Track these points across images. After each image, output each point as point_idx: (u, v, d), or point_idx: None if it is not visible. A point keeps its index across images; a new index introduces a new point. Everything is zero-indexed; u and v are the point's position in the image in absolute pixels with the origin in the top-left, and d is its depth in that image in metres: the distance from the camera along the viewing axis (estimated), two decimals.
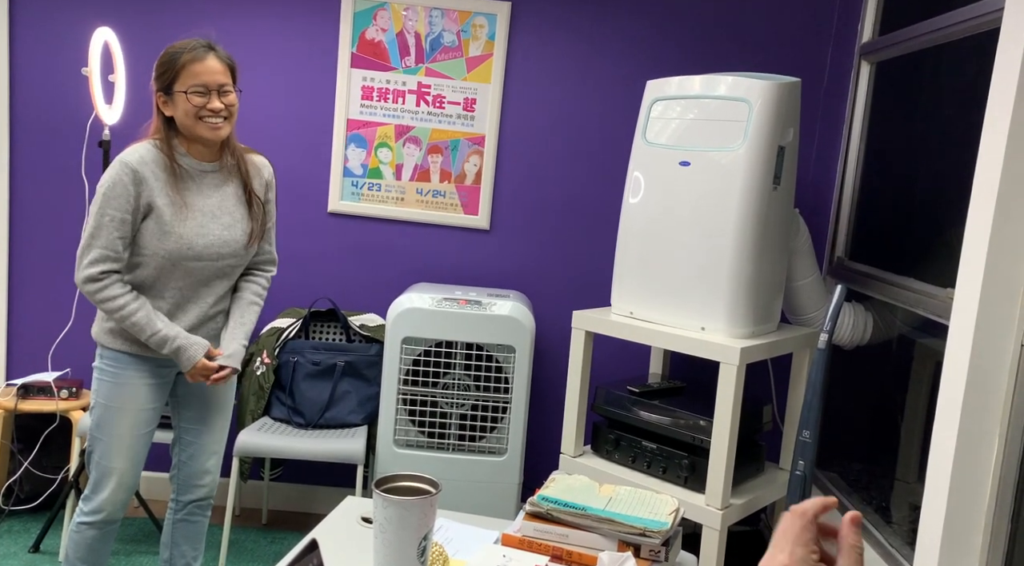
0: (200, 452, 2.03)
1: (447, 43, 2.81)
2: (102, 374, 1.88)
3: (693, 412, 2.19)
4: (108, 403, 1.87)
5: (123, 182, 1.75)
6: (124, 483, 1.90)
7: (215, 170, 1.89)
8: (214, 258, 1.87)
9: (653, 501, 1.37)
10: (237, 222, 1.91)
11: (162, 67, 1.81)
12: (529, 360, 2.52)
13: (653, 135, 2.27)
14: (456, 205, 2.89)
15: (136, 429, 1.89)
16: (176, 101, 1.80)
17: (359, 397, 2.71)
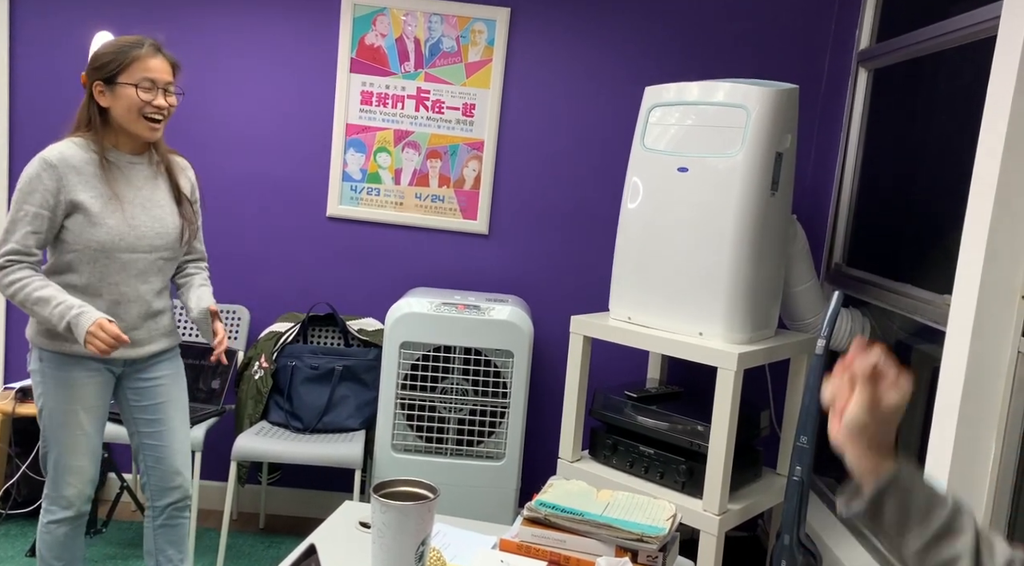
0: (166, 454, 1.98)
1: (446, 48, 2.82)
2: (44, 377, 1.84)
3: (691, 417, 2.19)
4: (57, 405, 1.84)
5: (41, 177, 1.75)
6: (86, 477, 1.90)
7: (143, 163, 1.90)
8: (147, 250, 1.87)
9: (650, 506, 1.37)
10: (168, 215, 1.91)
11: (107, 57, 1.79)
12: (527, 365, 2.52)
13: (651, 141, 2.28)
14: (455, 210, 2.90)
15: (90, 426, 1.88)
16: (119, 93, 1.79)
17: (357, 401, 2.71)
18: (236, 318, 2.90)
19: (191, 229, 1.97)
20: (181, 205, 1.94)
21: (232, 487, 2.50)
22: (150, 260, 1.88)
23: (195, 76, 2.85)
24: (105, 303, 1.84)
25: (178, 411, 2.02)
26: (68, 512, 1.89)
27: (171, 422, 1.99)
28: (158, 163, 1.93)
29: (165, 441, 1.98)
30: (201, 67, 2.85)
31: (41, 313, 1.74)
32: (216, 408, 2.68)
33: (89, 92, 1.82)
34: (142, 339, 1.92)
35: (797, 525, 2.05)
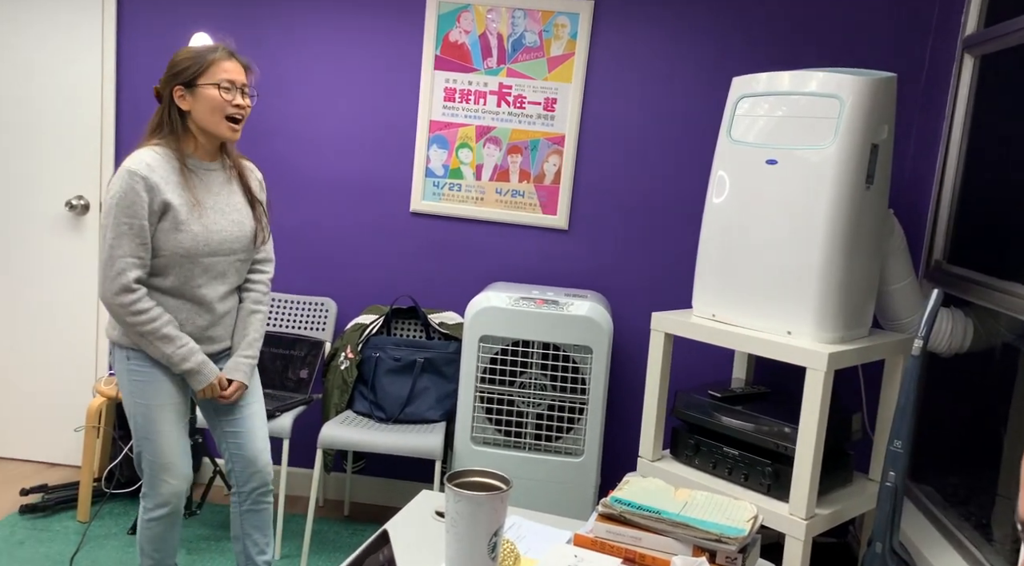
0: (247, 440, 2.04)
1: (529, 43, 2.82)
2: (132, 376, 1.89)
3: (778, 419, 2.12)
4: (147, 402, 1.89)
5: (135, 190, 1.78)
6: (180, 474, 1.95)
7: (218, 169, 1.96)
8: (227, 253, 1.92)
9: (730, 507, 1.33)
10: (245, 218, 1.97)
11: (186, 62, 1.85)
12: (606, 361, 2.50)
13: (739, 133, 2.21)
14: (535, 205, 2.89)
15: (179, 422, 1.94)
16: (201, 94, 1.84)
17: (438, 393, 2.74)
18: (324, 310, 2.98)
19: (263, 230, 2.03)
20: (254, 208, 2.01)
21: (318, 474, 2.57)
22: (229, 262, 1.94)
23: (285, 75, 2.94)
24: (186, 303, 1.90)
25: (254, 398, 2.07)
26: (164, 510, 1.95)
27: (248, 409, 2.05)
28: (230, 168, 1.99)
29: (244, 428, 2.04)
30: (291, 66, 2.94)
31: (163, 349, 1.85)
32: (304, 397, 2.76)
33: (168, 98, 1.87)
34: (219, 336, 1.99)
35: (890, 533, 1.95)
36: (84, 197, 3.04)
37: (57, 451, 3.18)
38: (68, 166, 3.03)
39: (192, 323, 1.92)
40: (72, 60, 2.97)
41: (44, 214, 3.06)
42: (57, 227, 3.06)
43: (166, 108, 1.87)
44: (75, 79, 2.98)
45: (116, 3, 2.92)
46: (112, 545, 2.61)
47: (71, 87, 2.99)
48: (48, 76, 2.99)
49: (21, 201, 3.05)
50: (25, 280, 3.09)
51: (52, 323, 3.11)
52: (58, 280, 3.09)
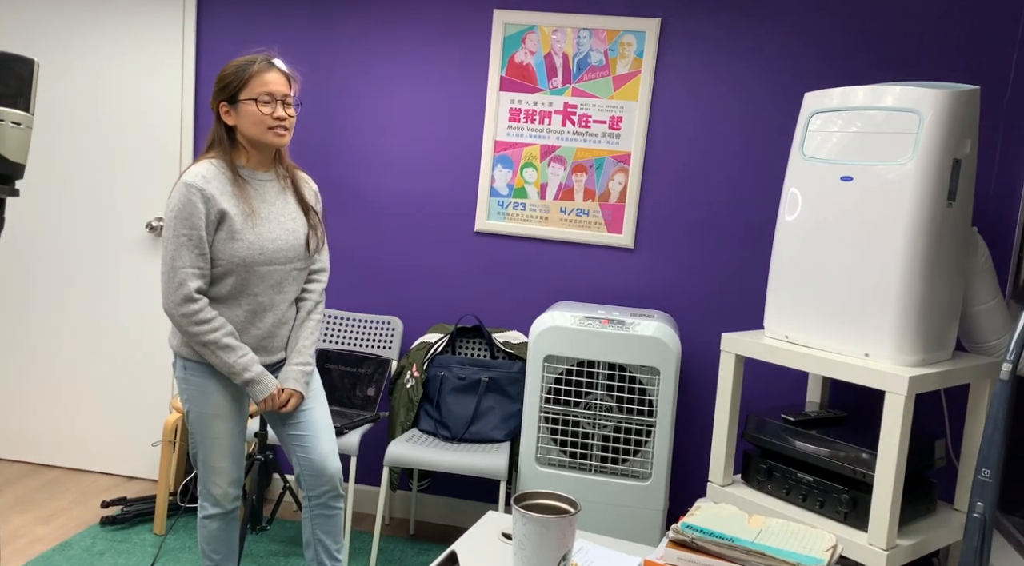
0: (313, 442, 2.06)
1: (594, 62, 2.83)
2: (188, 385, 1.96)
3: (855, 444, 2.06)
4: (200, 409, 1.97)
5: (191, 202, 1.84)
6: (230, 478, 2.02)
7: (272, 179, 2.00)
8: (283, 261, 1.96)
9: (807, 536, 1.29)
10: (299, 227, 2.01)
11: (227, 78, 1.90)
12: (675, 383, 2.46)
13: (812, 149, 2.17)
14: (600, 224, 2.89)
15: (229, 430, 2.00)
16: (242, 110, 1.90)
17: (502, 413, 2.75)
18: (390, 328, 3.03)
19: (317, 239, 2.07)
20: (308, 217, 2.04)
21: (384, 492, 2.60)
22: (285, 271, 1.99)
23: (355, 96, 3.02)
24: (244, 312, 1.95)
25: (316, 403, 2.11)
26: (217, 509, 2.03)
27: (311, 413, 2.08)
28: (284, 178, 2.04)
29: (310, 431, 2.07)
30: (361, 88, 3.02)
31: (225, 358, 1.90)
32: (371, 415, 2.80)
33: (216, 114, 1.94)
34: (275, 346, 2.04)
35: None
36: (163, 219, 3.17)
37: (136, 465, 3.31)
38: (148, 189, 3.17)
39: (249, 333, 1.97)
40: (151, 80, 3.11)
41: (125, 236, 3.20)
42: (138, 248, 3.20)
43: (216, 123, 1.95)
44: (154, 100, 3.12)
45: (195, 28, 3.06)
46: (187, 558, 2.69)
47: (150, 111, 3.13)
48: (128, 98, 3.14)
49: (104, 223, 3.20)
50: (106, 299, 3.24)
51: (131, 341, 3.24)
52: (138, 299, 3.22)
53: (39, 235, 3.24)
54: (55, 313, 3.26)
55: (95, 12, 3.10)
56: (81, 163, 3.19)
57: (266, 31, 3.04)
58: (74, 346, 3.27)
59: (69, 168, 3.19)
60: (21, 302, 3.28)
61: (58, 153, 3.19)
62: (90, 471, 3.35)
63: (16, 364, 3.31)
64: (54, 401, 3.31)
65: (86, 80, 3.15)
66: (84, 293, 3.24)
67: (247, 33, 3.05)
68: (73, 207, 3.21)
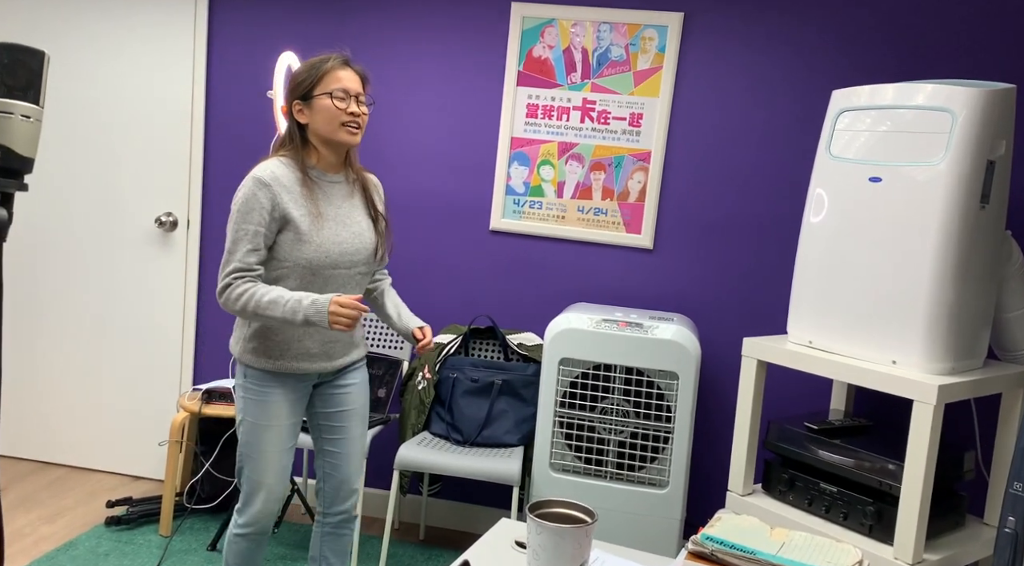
0: (343, 462, 2.08)
1: (615, 57, 2.82)
2: (246, 393, 1.96)
3: (881, 454, 2.05)
4: (255, 421, 1.95)
5: (256, 196, 1.85)
6: (273, 496, 1.99)
7: (341, 181, 2.00)
8: (348, 265, 1.96)
9: (832, 550, 1.28)
10: (365, 231, 2.01)
11: (301, 76, 1.92)
12: (694, 388, 2.45)
13: (839, 149, 2.16)
14: (618, 223, 2.88)
15: (281, 444, 1.98)
16: (316, 106, 1.90)
17: (516, 417, 2.74)
18: None
19: (385, 245, 2.07)
20: (376, 221, 2.05)
21: (394, 496, 2.60)
22: (350, 275, 1.98)
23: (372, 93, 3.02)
24: (296, 327, 1.95)
25: (359, 422, 2.11)
26: (252, 528, 2.00)
27: (351, 432, 2.09)
28: (354, 181, 2.04)
29: (344, 449, 2.08)
30: (374, 83, 3.02)
31: (275, 315, 1.84)
32: (382, 416, 2.80)
33: (289, 113, 1.95)
34: (339, 351, 2.03)
35: None
36: (173, 214, 3.19)
37: (142, 464, 3.33)
38: (158, 183, 3.18)
39: (311, 337, 1.97)
40: (162, 77, 3.14)
41: (134, 230, 3.22)
42: (146, 243, 3.22)
43: (292, 124, 1.96)
44: (165, 96, 3.14)
45: (207, 22, 3.08)
46: (192, 560, 2.71)
47: (161, 104, 3.15)
48: (138, 93, 3.16)
49: (111, 217, 3.23)
50: (114, 295, 3.26)
51: (139, 338, 3.27)
52: (146, 296, 3.24)
53: (47, 230, 3.27)
54: (62, 309, 3.29)
55: (106, 5, 3.12)
56: (89, 158, 3.21)
57: (279, 27, 3.05)
58: (81, 343, 3.30)
59: (77, 163, 3.22)
60: (28, 298, 3.31)
61: (66, 147, 3.22)
62: (96, 470, 3.37)
63: (22, 360, 3.34)
64: (60, 398, 3.34)
65: (96, 74, 3.17)
66: (92, 289, 3.27)
67: (259, 29, 3.06)
68: (81, 202, 3.23)
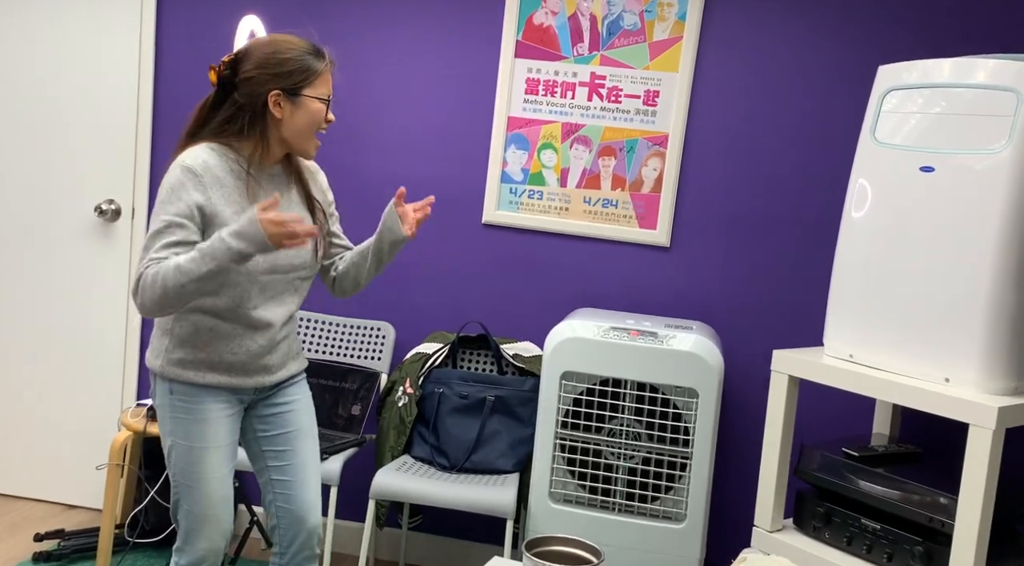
0: (296, 491, 2.04)
1: (627, 26, 2.80)
2: (175, 412, 1.91)
3: (930, 486, 2.05)
4: (190, 443, 1.90)
5: (185, 186, 1.81)
6: (220, 530, 1.95)
7: (280, 173, 1.98)
8: (286, 270, 1.94)
9: None
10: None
11: (292, 64, 1.86)
12: (715, 407, 2.45)
13: (885, 134, 2.16)
14: (630, 217, 2.87)
15: (224, 468, 1.94)
16: (303, 106, 1.88)
17: (510, 439, 2.73)
18: (380, 336, 3.00)
19: (325, 240, 2.05)
20: (314, 214, 2.02)
21: (369, 530, 2.58)
22: (288, 281, 1.96)
23: (342, 63, 3.00)
24: (240, 327, 1.92)
25: (309, 442, 2.08)
26: None
27: (302, 454, 2.05)
28: (290, 172, 2.02)
29: (295, 476, 2.04)
30: (347, 54, 2.99)
31: (201, 270, 1.70)
32: (355, 438, 2.78)
33: (261, 100, 1.86)
34: (275, 364, 2.00)
35: None
36: (115, 201, 3.15)
37: (76, 491, 3.29)
38: (97, 165, 3.15)
39: (246, 349, 1.94)
40: (103, 44, 3.10)
41: (69, 220, 3.18)
42: (84, 235, 3.18)
43: (255, 109, 1.88)
44: (106, 67, 3.10)
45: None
46: None
47: (102, 79, 3.11)
48: (75, 63, 3.12)
49: (44, 205, 3.18)
50: (45, 294, 3.22)
51: (75, 344, 3.22)
52: (82, 296, 3.20)
53: None
54: None
55: None
56: (17, 137, 3.17)
57: None
58: (5, 350, 3.25)
59: (2, 143, 3.17)
60: None
61: None
62: (22, 497, 3.34)
63: None
64: None
65: (26, 42, 3.13)
66: (18, 288, 3.23)
67: None
68: (7, 188, 3.19)
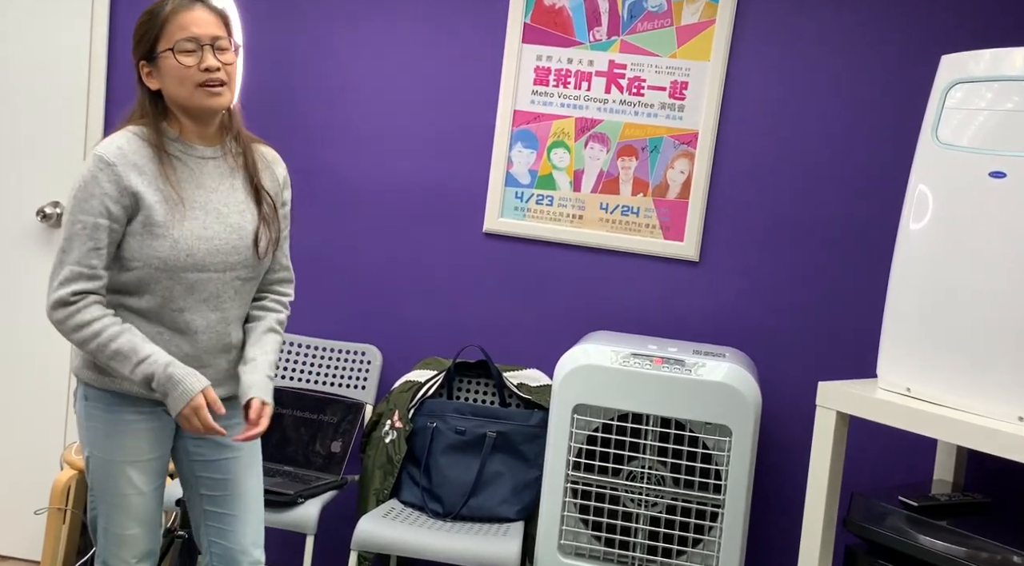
0: (235, 524, 2.05)
1: (652, 8, 2.81)
2: (90, 421, 1.94)
3: (1002, 542, 2.04)
4: (105, 456, 1.93)
5: (97, 179, 1.82)
6: (140, 550, 1.98)
7: (216, 157, 1.99)
8: (220, 268, 1.94)
9: None
10: (247, 223, 1.99)
11: (142, 28, 1.90)
12: (752, 447, 2.45)
13: (949, 133, 2.16)
14: (654, 226, 2.87)
15: (144, 485, 1.96)
16: (162, 65, 1.89)
17: (514, 482, 2.73)
18: (365, 361, 3.00)
19: (271, 238, 2.03)
20: (261, 206, 2.02)
21: None
22: (224, 281, 1.96)
23: (324, 52, 3.01)
24: (167, 332, 1.93)
25: (251, 470, 2.09)
26: None
27: (241, 484, 2.06)
28: (236, 154, 2.02)
29: (234, 509, 2.06)
30: (334, 39, 3.01)
31: (120, 372, 1.84)
32: (335, 479, 2.78)
33: (137, 77, 1.93)
34: (213, 379, 2.00)
35: None
36: (61, 205, 3.15)
37: (11, 540, 3.27)
38: (42, 165, 3.15)
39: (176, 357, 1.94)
40: (50, 34, 3.10)
41: (9, 225, 3.18)
42: (25, 243, 3.18)
43: (138, 87, 1.95)
44: (54, 57, 3.11)
45: None
46: None
47: (48, 69, 3.11)
48: (19, 55, 3.12)
49: None
50: None
51: (10, 368, 3.21)
52: (21, 311, 3.19)
53: None
54: None
55: None
56: None
57: None
58: None
59: None
60: None
61: None
62: None
63: None
64: None
65: None
66: None
67: None
68: None
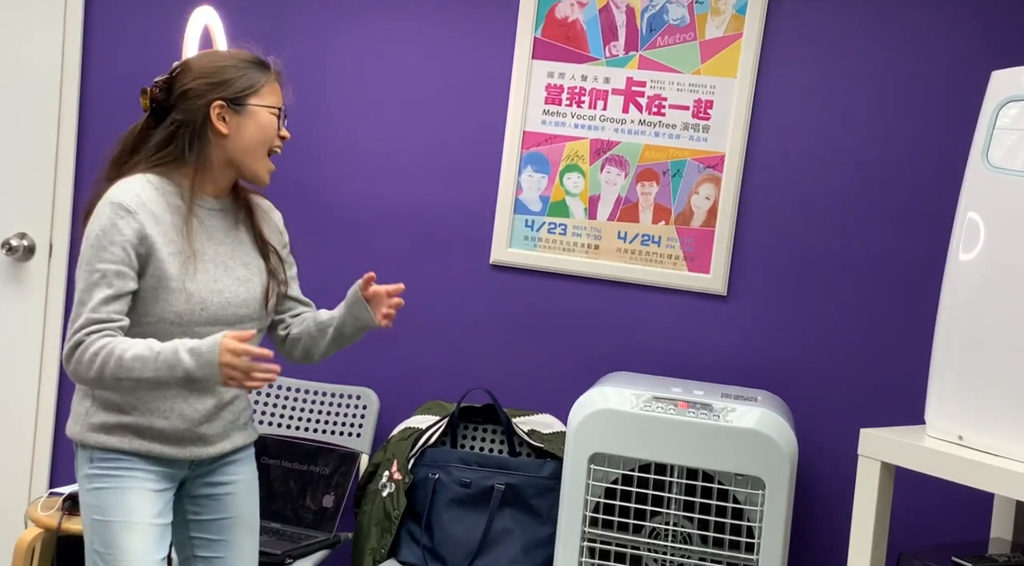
0: None
1: (673, 21, 2.83)
2: (94, 481, 1.97)
3: None
4: (110, 518, 1.95)
5: (117, 227, 1.88)
6: None
7: (223, 209, 2.07)
8: (232, 320, 2.01)
9: None
10: (254, 275, 2.08)
11: (235, 72, 1.99)
12: (788, 501, 2.44)
13: (1001, 156, 2.17)
14: (677, 257, 2.88)
15: (150, 553, 1.96)
16: (251, 117, 1.99)
17: (525, 540, 2.72)
18: (360, 406, 3.00)
19: (279, 289, 2.13)
20: (268, 259, 2.11)
21: None
22: None
23: (317, 68, 3.04)
24: (174, 388, 1.96)
25: (248, 533, 2.13)
26: None
27: (238, 548, 2.11)
28: (238, 208, 2.11)
29: (227, 553, 2.10)
30: (330, 56, 3.04)
31: (144, 376, 1.82)
32: (327, 537, 2.78)
33: (202, 114, 1.96)
34: (216, 434, 2.07)
35: None
36: (28, 236, 3.17)
37: None
38: (7, 194, 3.17)
39: (179, 414, 2.00)
40: (19, 47, 3.13)
41: None
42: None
43: (195, 126, 1.97)
44: (21, 74, 3.14)
45: None
46: None
47: (15, 86, 3.15)
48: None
49: None
50: None
51: None
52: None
53: None
54: None
55: None
56: None
57: None
58: None
59: None
60: None
61: None
62: None
63: None
64: None
65: None
66: None
67: None
68: None
